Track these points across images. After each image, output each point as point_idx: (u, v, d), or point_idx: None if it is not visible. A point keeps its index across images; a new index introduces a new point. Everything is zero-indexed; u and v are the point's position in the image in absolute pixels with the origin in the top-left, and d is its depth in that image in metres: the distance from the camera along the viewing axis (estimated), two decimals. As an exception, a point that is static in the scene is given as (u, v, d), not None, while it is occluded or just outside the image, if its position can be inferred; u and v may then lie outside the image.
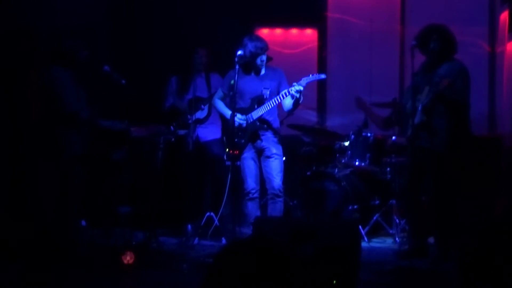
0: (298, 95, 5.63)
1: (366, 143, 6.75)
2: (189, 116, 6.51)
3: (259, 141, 5.89)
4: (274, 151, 5.88)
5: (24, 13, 6.18)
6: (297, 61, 7.93)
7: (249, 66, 5.87)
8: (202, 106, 6.63)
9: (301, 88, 5.62)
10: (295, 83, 5.65)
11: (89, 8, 7.17)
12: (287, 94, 5.68)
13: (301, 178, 6.64)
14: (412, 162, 5.66)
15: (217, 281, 1.81)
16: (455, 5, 7.84)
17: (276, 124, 5.99)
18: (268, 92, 5.85)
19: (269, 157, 5.88)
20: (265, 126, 5.88)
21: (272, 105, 5.80)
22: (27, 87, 6.08)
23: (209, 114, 6.70)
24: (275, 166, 5.87)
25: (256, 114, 5.84)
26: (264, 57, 5.84)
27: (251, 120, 5.86)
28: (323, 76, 5.95)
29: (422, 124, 5.45)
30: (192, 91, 6.47)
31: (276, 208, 5.89)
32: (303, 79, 5.69)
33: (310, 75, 5.79)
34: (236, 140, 5.80)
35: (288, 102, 5.79)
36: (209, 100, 6.60)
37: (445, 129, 5.45)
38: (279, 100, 5.77)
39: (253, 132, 5.89)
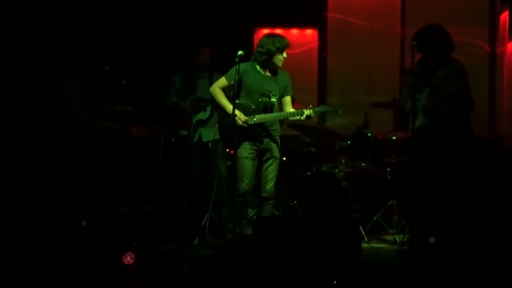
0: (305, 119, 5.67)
1: (366, 143, 6.75)
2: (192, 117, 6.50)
3: (259, 143, 5.82)
4: (274, 153, 5.83)
5: (24, 13, 6.19)
6: (297, 62, 7.93)
7: (266, 64, 5.76)
8: (205, 108, 6.63)
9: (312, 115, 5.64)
10: (311, 106, 5.61)
11: (89, 7, 7.18)
12: (298, 114, 5.65)
13: (301, 178, 6.64)
14: (414, 163, 5.66)
15: (213, 279, 1.81)
16: (455, 5, 7.85)
17: (277, 125, 5.95)
18: (276, 100, 5.77)
19: (268, 159, 5.82)
20: (267, 128, 5.85)
21: (278, 119, 5.73)
22: (28, 87, 6.08)
23: (211, 116, 6.68)
24: (272, 169, 5.81)
25: (260, 119, 5.72)
26: (285, 54, 5.78)
27: (252, 123, 5.79)
28: (339, 111, 5.79)
29: (424, 127, 5.46)
30: (194, 91, 6.47)
31: (267, 211, 5.85)
32: (319, 107, 5.72)
33: (326, 106, 5.81)
34: (236, 138, 5.73)
35: (291, 111, 5.75)
36: (212, 102, 6.58)
37: (447, 130, 5.45)
38: (287, 117, 5.72)
39: (255, 133, 5.82)
